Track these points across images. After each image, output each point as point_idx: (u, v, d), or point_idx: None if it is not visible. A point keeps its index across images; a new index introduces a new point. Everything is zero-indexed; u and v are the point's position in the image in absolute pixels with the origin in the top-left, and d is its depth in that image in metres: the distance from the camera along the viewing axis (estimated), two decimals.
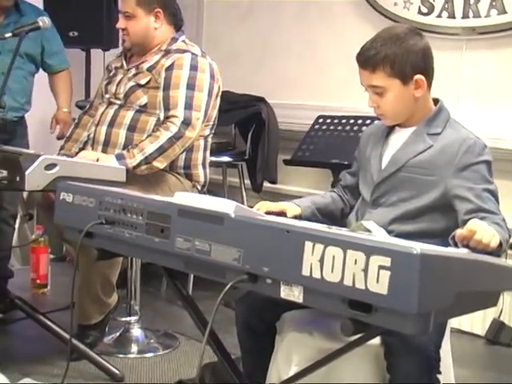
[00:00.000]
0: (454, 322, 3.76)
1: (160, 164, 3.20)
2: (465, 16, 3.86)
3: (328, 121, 4.10)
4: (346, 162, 3.75)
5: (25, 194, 5.15)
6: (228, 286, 1.76)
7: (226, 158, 4.41)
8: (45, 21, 3.18)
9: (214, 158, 4.23)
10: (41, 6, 4.85)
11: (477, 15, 3.82)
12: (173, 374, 3.21)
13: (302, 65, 4.54)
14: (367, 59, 2.29)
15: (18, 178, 2.68)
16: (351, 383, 2.16)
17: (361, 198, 2.49)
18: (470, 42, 3.88)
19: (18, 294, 3.46)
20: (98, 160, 3.04)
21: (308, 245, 1.62)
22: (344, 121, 4.01)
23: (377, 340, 2.08)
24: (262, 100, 4.38)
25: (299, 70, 4.55)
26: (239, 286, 1.80)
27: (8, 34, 3.09)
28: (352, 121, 3.97)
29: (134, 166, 3.11)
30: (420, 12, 4.01)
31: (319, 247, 1.60)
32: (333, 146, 3.94)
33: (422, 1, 4.01)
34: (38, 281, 4.50)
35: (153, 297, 4.21)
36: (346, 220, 2.61)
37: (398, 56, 2.26)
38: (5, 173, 2.73)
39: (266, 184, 4.40)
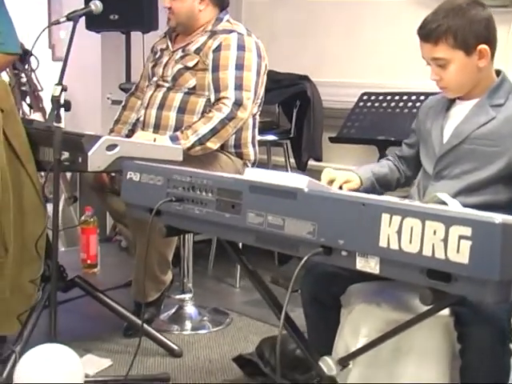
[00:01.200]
0: None
1: (213, 145, 3.23)
2: None
3: (372, 98, 4.07)
4: (392, 139, 3.75)
5: (68, 177, 5.22)
6: (305, 259, 1.77)
7: (270, 137, 4.39)
8: (97, 5, 3.18)
9: (258, 137, 4.24)
10: None
11: None
12: (229, 349, 3.25)
13: (345, 42, 4.51)
14: (430, 32, 2.27)
15: (80, 160, 2.71)
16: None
17: (422, 170, 2.49)
18: None
19: (69, 273, 3.49)
20: (154, 140, 3.08)
21: (385, 217, 1.64)
22: (389, 97, 3.99)
23: (446, 311, 2.08)
24: (305, 78, 4.36)
25: (341, 48, 4.52)
26: (314, 259, 1.82)
27: (63, 19, 3.10)
28: (397, 97, 3.95)
29: (189, 146, 3.15)
30: None
31: (397, 219, 1.61)
32: (378, 122, 3.94)
33: None
34: (89, 261, 4.54)
35: (201, 275, 4.24)
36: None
37: (461, 27, 2.23)
38: (67, 154, 2.75)
39: (311, 162, 4.39)
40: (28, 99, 5.39)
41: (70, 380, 2.59)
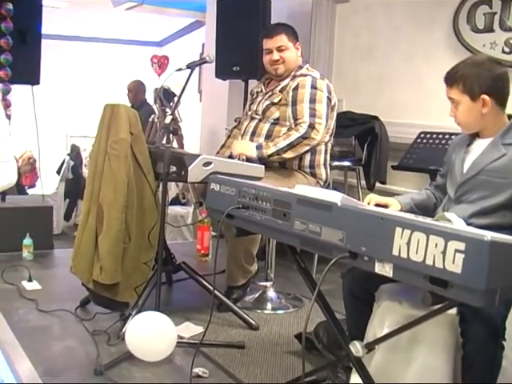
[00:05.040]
0: None
1: (288, 156, 3.17)
2: None
3: (428, 136, 3.90)
4: (440, 169, 3.55)
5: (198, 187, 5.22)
6: (333, 261, 1.69)
7: (346, 163, 4.26)
8: (210, 56, 3.15)
9: (337, 163, 4.12)
10: (214, 48, 4.90)
11: None
12: (297, 327, 3.12)
13: (409, 92, 4.33)
14: (448, 76, 2.20)
15: (182, 172, 2.71)
16: None
17: (447, 195, 2.33)
18: None
19: (187, 260, 3.45)
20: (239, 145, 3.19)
21: (398, 230, 1.52)
22: (440, 136, 3.81)
23: (453, 310, 1.94)
24: (376, 118, 4.21)
25: (406, 97, 4.35)
26: (344, 262, 1.71)
27: (184, 67, 3.04)
28: (447, 136, 3.75)
29: (268, 154, 3.14)
30: (503, 51, 3.79)
31: (407, 232, 1.50)
32: (431, 155, 3.74)
33: (505, 43, 3.77)
34: (202, 251, 4.52)
35: (286, 268, 4.11)
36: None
37: (470, 76, 2.13)
38: (174, 168, 2.76)
39: (377, 184, 4.22)
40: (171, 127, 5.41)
41: (162, 338, 2.58)
